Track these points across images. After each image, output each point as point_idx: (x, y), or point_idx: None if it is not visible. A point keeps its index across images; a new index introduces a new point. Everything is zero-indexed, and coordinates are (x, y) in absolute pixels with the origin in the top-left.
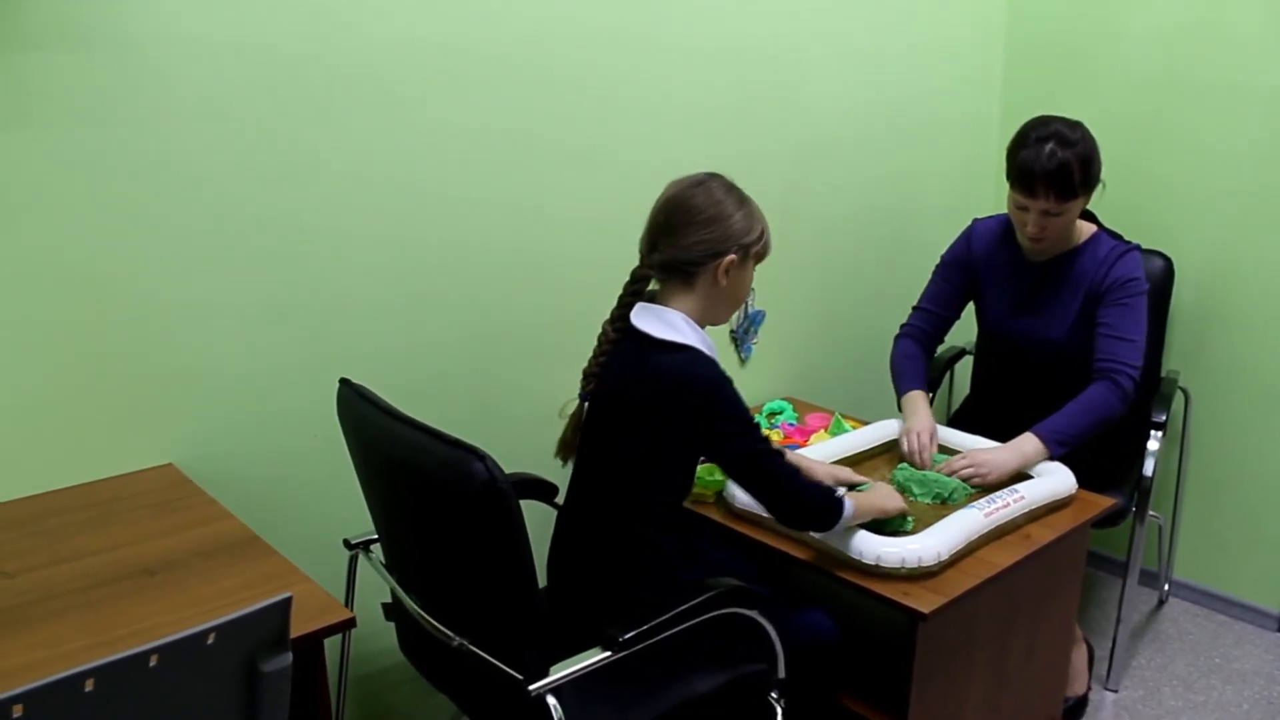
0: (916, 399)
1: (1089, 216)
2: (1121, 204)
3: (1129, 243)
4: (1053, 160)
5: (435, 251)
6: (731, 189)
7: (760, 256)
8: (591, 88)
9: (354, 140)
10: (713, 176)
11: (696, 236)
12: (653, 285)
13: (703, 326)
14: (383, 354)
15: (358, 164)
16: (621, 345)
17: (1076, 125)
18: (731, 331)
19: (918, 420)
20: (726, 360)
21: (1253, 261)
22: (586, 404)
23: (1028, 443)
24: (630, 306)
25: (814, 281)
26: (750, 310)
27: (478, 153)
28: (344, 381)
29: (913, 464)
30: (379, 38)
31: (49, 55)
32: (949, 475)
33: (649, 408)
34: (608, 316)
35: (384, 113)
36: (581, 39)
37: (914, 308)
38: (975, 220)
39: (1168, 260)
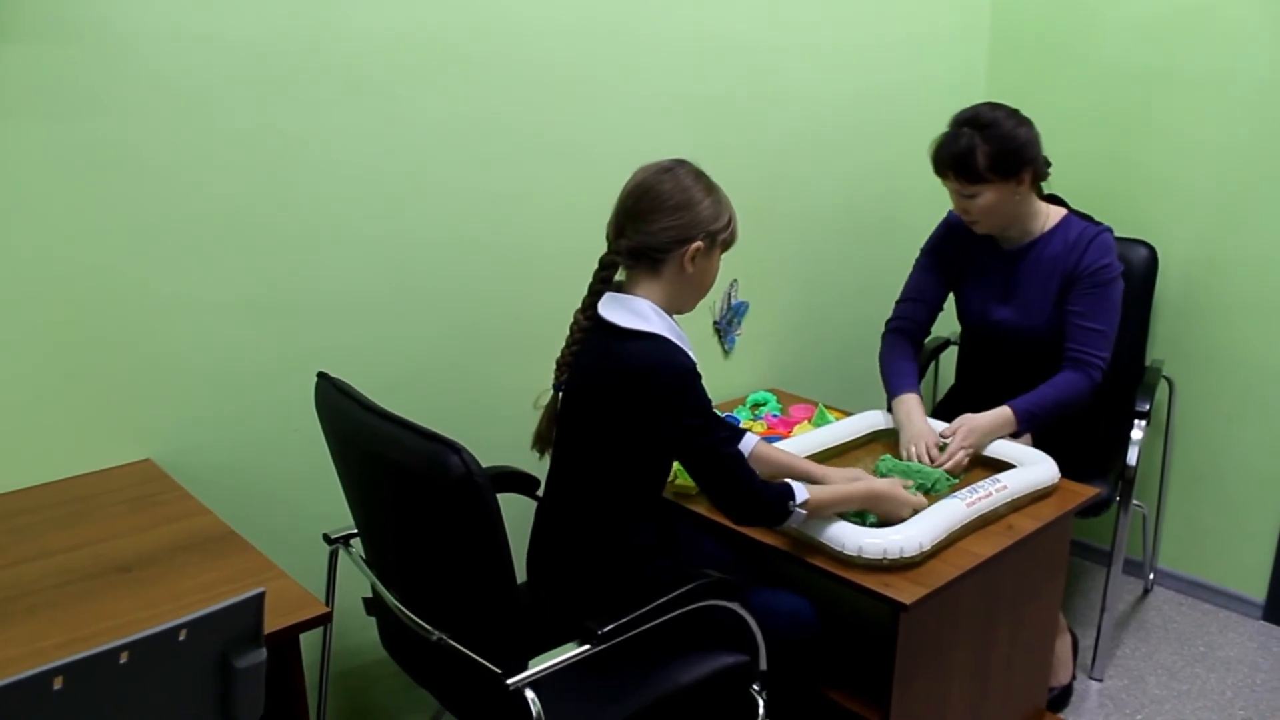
0: (909, 403)
1: (1059, 201)
2: (1108, 194)
3: (1100, 225)
4: (956, 144)
5: (416, 244)
6: (699, 176)
7: (727, 245)
8: (573, 80)
9: (334, 134)
10: (680, 163)
11: (665, 222)
12: (619, 274)
13: (670, 315)
14: (362, 347)
15: (338, 157)
16: (592, 335)
17: (999, 107)
18: (715, 323)
19: (915, 430)
20: (710, 351)
21: (1238, 251)
22: (560, 395)
23: (1002, 415)
24: (600, 294)
25: (798, 273)
26: (734, 301)
27: (458, 146)
28: (322, 375)
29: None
30: (359, 31)
31: (29, 47)
32: (949, 468)
33: (618, 397)
34: (579, 305)
35: (365, 106)
36: (562, 31)
37: (899, 300)
38: (951, 211)
39: (1152, 250)
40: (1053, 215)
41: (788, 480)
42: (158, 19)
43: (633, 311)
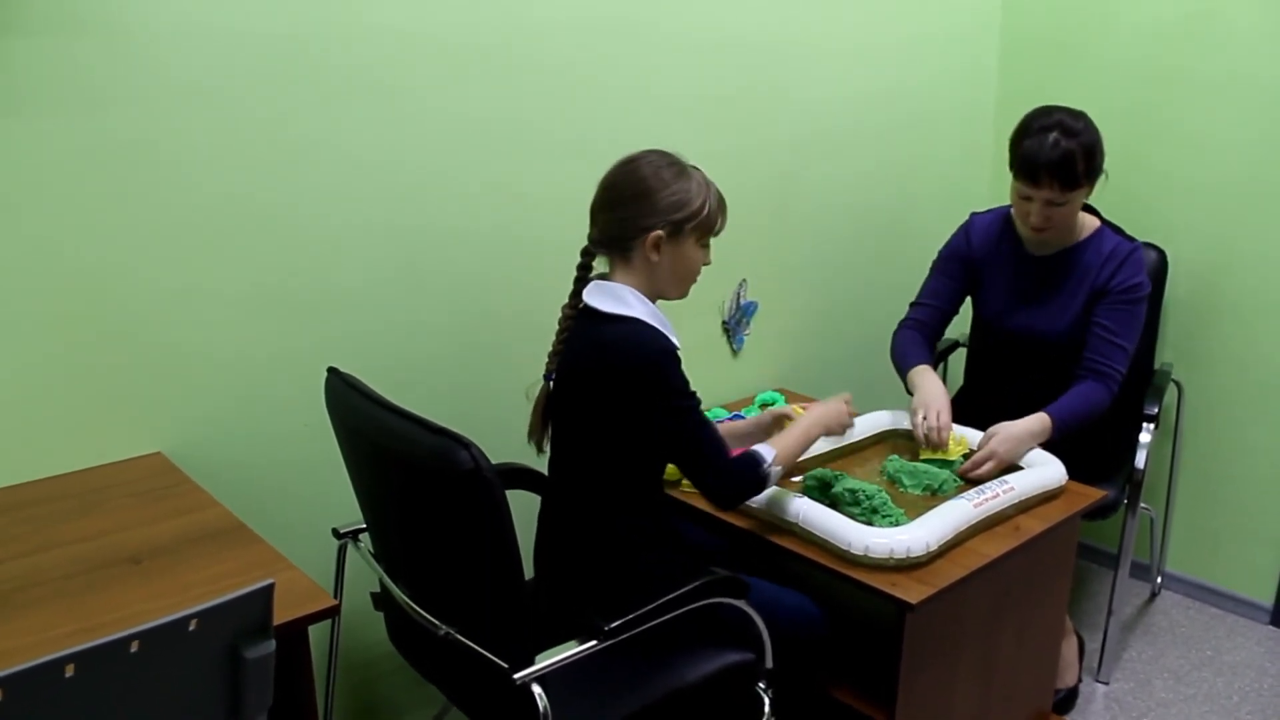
0: (925, 371)
1: (1092, 211)
2: (1117, 196)
3: (1133, 240)
4: (1056, 149)
5: (426, 239)
6: (670, 164)
7: (705, 231)
8: (583, 77)
9: (343, 128)
10: (650, 151)
11: (622, 213)
12: (603, 265)
13: (653, 301)
14: (372, 341)
15: (347, 151)
16: (578, 323)
17: (1080, 115)
18: (724, 322)
19: (928, 393)
20: (719, 351)
21: (1247, 255)
22: (551, 384)
23: (1039, 423)
24: (585, 284)
25: (808, 273)
26: (743, 301)
27: (469, 141)
28: (332, 370)
29: (930, 443)
30: (369, 26)
31: (38, 41)
32: (979, 474)
33: (600, 381)
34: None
35: (374, 101)
36: (573, 27)
37: (912, 304)
38: (973, 214)
39: (1162, 253)
40: (1086, 224)
41: (750, 448)
42: (167, 13)
43: (614, 297)
